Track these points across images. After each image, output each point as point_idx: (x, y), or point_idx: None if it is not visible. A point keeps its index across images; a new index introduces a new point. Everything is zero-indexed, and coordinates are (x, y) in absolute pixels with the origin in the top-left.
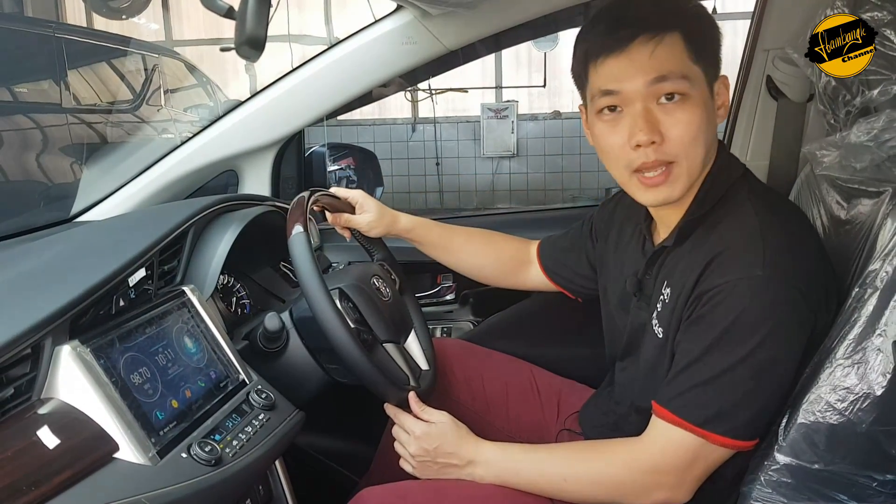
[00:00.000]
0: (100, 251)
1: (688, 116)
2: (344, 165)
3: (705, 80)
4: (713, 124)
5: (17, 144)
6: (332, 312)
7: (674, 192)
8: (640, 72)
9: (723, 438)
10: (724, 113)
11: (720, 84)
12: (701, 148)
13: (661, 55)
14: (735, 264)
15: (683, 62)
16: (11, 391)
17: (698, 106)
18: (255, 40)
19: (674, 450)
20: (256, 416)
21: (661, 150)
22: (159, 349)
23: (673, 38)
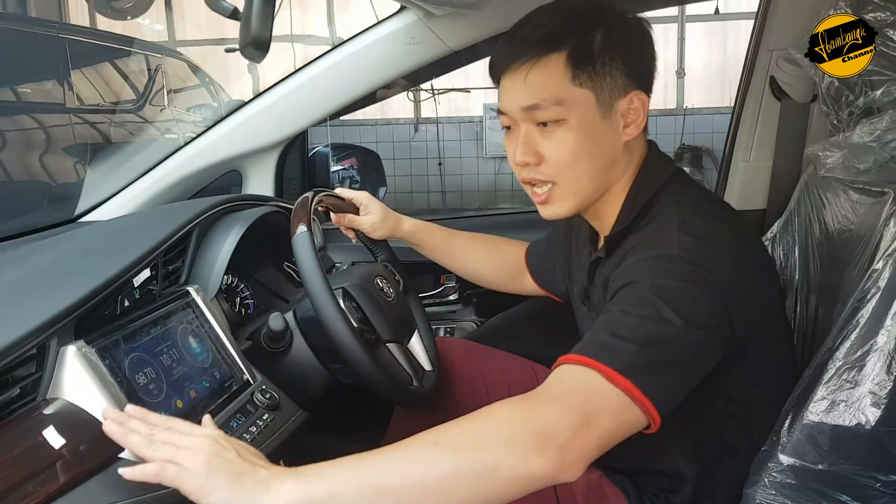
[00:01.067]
0: (104, 251)
1: (563, 140)
2: (347, 165)
3: (595, 101)
4: (605, 144)
5: (21, 144)
6: (335, 312)
7: (560, 210)
8: (515, 97)
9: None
10: (633, 131)
11: (627, 101)
12: (582, 170)
13: (534, 81)
14: (649, 246)
15: (560, 87)
16: (17, 391)
17: (576, 130)
18: (261, 41)
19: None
20: (261, 416)
21: (540, 171)
22: (164, 349)
23: (552, 61)
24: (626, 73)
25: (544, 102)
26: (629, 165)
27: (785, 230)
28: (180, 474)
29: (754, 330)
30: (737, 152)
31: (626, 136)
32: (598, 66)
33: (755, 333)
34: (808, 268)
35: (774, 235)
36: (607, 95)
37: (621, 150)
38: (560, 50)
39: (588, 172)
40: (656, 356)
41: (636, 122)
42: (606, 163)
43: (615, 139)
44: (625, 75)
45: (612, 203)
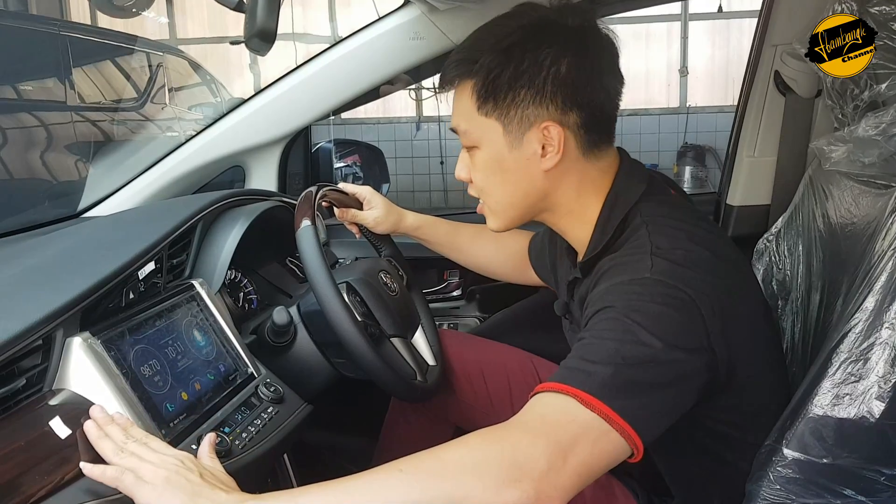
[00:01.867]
0: (109, 244)
1: (477, 165)
2: (350, 162)
3: (503, 130)
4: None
5: (23, 142)
6: (339, 306)
7: (493, 224)
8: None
9: (607, 408)
10: (551, 159)
11: (540, 131)
12: (498, 195)
13: (454, 105)
14: (621, 272)
15: (469, 115)
16: (23, 382)
17: (489, 157)
18: (266, 33)
19: (543, 411)
20: (265, 409)
21: (471, 188)
22: (169, 342)
23: (464, 88)
24: (537, 103)
25: (459, 127)
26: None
27: (789, 225)
28: (137, 484)
29: (738, 348)
30: (741, 147)
31: (544, 165)
32: (503, 99)
33: (740, 352)
34: (813, 262)
35: (779, 230)
36: (516, 126)
37: (542, 178)
38: (470, 78)
39: (505, 197)
40: (633, 378)
41: (552, 153)
42: (523, 190)
43: (530, 168)
44: (535, 105)
45: (577, 222)
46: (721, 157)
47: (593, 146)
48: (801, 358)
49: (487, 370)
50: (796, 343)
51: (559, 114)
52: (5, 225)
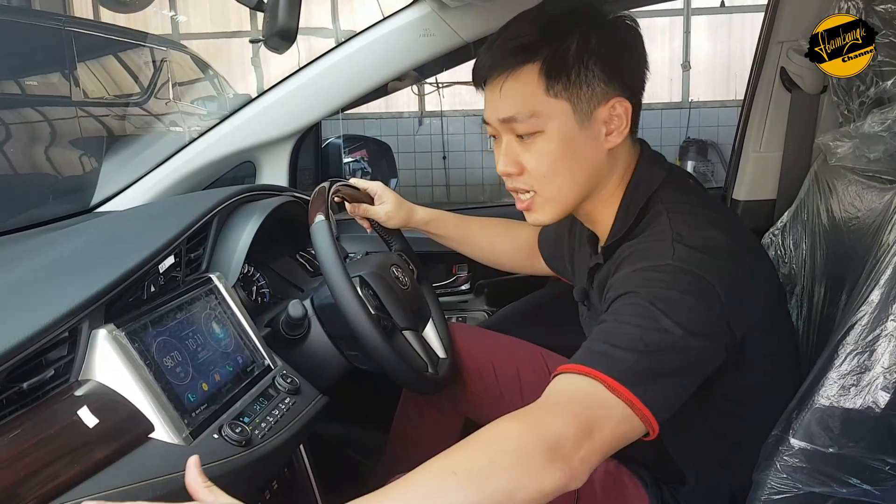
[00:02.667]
0: (129, 239)
1: (541, 152)
2: (358, 157)
3: (572, 111)
4: (585, 152)
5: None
6: (353, 299)
7: (542, 217)
8: (494, 109)
9: (628, 393)
10: (616, 138)
11: (610, 109)
12: (562, 180)
13: (509, 93)
14: (643, 258)
15: (535, 99)
16: (51, 372)
17: (554, 140)
18: (287, 31)
19: (563, 395)
20: (282, 400)
21: (521, 181)
22: (189, 334)
23: (527, 73)
24: (605, 80)
25: (520, 115)
26: (617, 170)
27: (795, 219)
28: None
29: (755, 333)
30: (747, 143)
31: (608, 144)
32: (574, 76)
33: (756, 337)
34: (818, 256)
35: (784, 225)
36: (585, 105)
37: (605, 158)
38: (534, 61)
39: (568, 182)
40: (655, 365)
41: (619, 130)
42: (588, 171)
43: (596, 147)
44: (604, 82)
45: (604, 208)
46: (723, 152)
47: (633, 128)
48: (806, 350)
49: (498, 363)
50: (802, 335)
51: (622, 90)
52: (21, 220)
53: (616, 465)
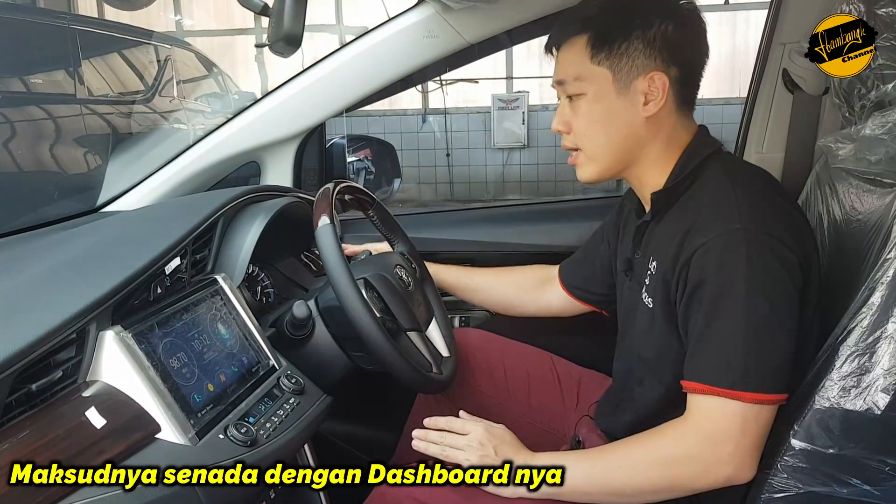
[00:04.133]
0: (136, 240)
1: (583, 112)
2: (362, 156)
3: (612, 78)
4: (623, 118)
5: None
6: (359, 302)
7: (585, 174)
8: (554, 73)
9: (756, 395)
10: (653, 108)
11: (647, 80)
12: (599, 139)
13: (562, 59)
14: (712, 223)
15: (581, 65)
16: (60, 374)
17: (597, 103)
18: (293, 37)
19: (718, 418)
20: (287, 401)
21: (569, 139)
22: (195, 335)
23: (576, 42)
24: (646, 54)
25: (567, 78)
26: (660, 137)
27: None
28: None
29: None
30: (749, 144)
31: (645, 113)
32: (617, 48)
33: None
34: (819, 257)
35: None
36: (625, 74)
37: (643, 124)
38: (584, 32)
39: (605, 141)
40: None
41: (655, 100)
42: (624, 134)
43: (633, 114)
44: (644, 56)
45: (660, 171)
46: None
47: (684, 103)
48: (806, 351)
49: (509, 366)
50: (802, 336)
51: (664, 65)
52: (25, 221)
53: None
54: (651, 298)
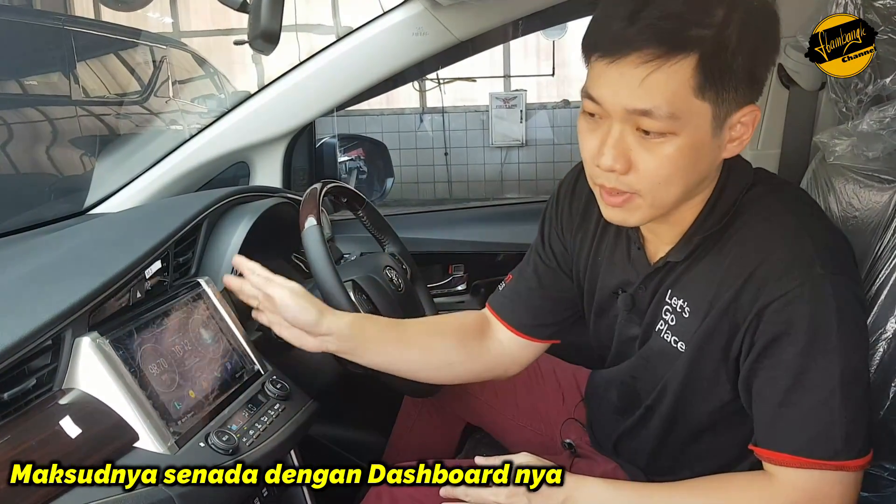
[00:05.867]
0: (116, 244)
1: (665, 156)
2: (354, 156)
3: (711, 115)
4: (705, 162)
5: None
6: (347, 306)
7: (631, 219)
8: (623, 95)
9: (858, 462)
10: (737, 147)
11: (742, 116)
12: (674, 188)
13: (654, 84)
14: (791, 268)
15: (681, 97)
16: (34, 382)
17: (685, 146)
18: (270, 34)
19: (813, 490)
20: (272, 407)
21: (624, 181)
22: (176, 340)
23: (681, 65)
24: (747, 83)
25: (658, 111)
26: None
27: None
28: None
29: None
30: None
31: (726, 154)
32: (732, 78)
33: None
34: None
35: None
36: (724, 110)
37: (715, 166)
38: (695, 52)
39: (680, 190)
40: (858, 414)
41: (741, 139)
42: (700, 179)
43: (717, 155)
44: (746, 86)
45: (687, 211)
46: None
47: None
48: None
49: None
50: None
51: (755, 96)
52: (14, 223)
53: (615, 468)
54: (684, 343)
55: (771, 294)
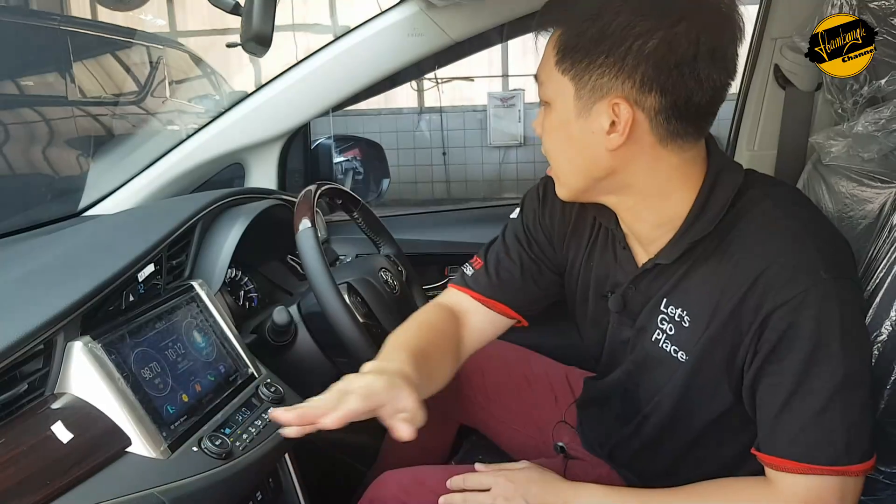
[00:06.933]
0: (109, 247)
1: (547, 124)
2: (350, 157)
3: (573, 93)
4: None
5: (24, 138)
6: (341, 308)
7: (558, 191)
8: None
9: (859, 466)
10: (616, 140)
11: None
12: (559, 158)
13: (541, 50)
14: (796, 273)
15: (547, 67)
16: (25, 386)
17: (556, 119)
18: (262, 36)
19: (814, 497)
20: (266, 410)
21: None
22: (169, 344)
23: (551, 37)
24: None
25: (539, 77)
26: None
27: None
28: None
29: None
30: (741, 141)
31: (608, 144)
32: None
33: None
34: None
35: None
36: (587, 92)
37: (607, 157)
38: (559, 26)
39: (566, 165)
40: (860, 421)
41: (617, 134)
42: (586, 164)
43: (594, 142)
44: (612, 77)
45: (657, 207)
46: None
47: (675, 136)
48: None
49: (486, 365)
50: None
51: (635, 92)
52: (9, 224)
53: (609, 471)
54: (684, 352)
55: (776, 300)
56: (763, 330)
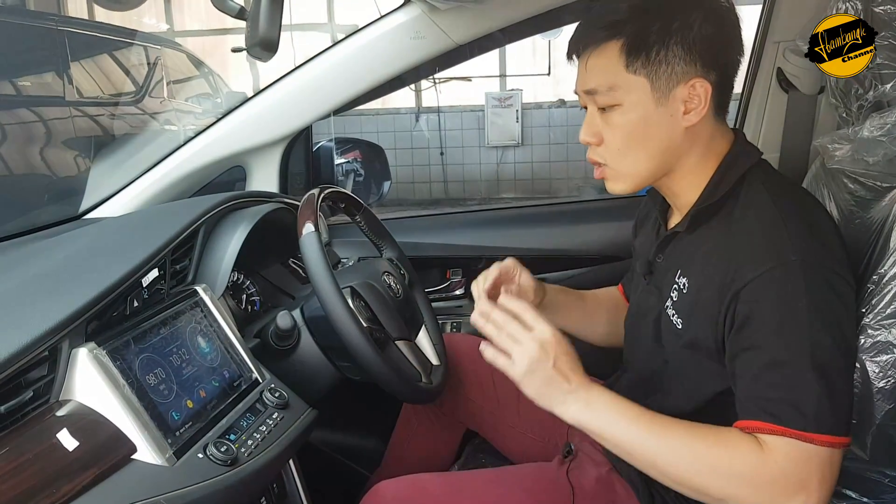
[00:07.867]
0: (113, 252)
1: (617, 124)
2: (351, 159)
3: (650, 87)
4: (661, 130)
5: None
6: (345, 313)
7: (616, 188)
8: (581, 81)
9: (829, 437)
10: (694, 117)
11: (686, 88)
12: (635, 154)
13: (593, 67)
14: (764, 253)
15: (615, 74)
16: (30, 394)
17: (631, 114)
18: (269, 42)
19: (790, 461)
20: (270, 415)
21: (596, 152)
22: (173, 349)
23: (609, 49)
24: (686, 59)
25: (600, 87)
26: (698, 147)
27: None
28: (509, 366)
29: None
30: None
31: (686, 122)
32: (654, 54)
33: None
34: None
35: None
36: (664, 82)
37: (681, 135)
38: (617, 38)
39: (641, 156)
40: (832, 393)
41: (697, 109)
42: (663, 147)
43: (673, 125)
44: (685, 62)
45: (687, 182)
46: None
47: (721, 108)
48: None
49: (497, 373)
50: None
51: (704, 71)
52: (9, 228)
53: (609, 470)
54: (681, 319)
55: (745, 276)
56: (736, 304)
